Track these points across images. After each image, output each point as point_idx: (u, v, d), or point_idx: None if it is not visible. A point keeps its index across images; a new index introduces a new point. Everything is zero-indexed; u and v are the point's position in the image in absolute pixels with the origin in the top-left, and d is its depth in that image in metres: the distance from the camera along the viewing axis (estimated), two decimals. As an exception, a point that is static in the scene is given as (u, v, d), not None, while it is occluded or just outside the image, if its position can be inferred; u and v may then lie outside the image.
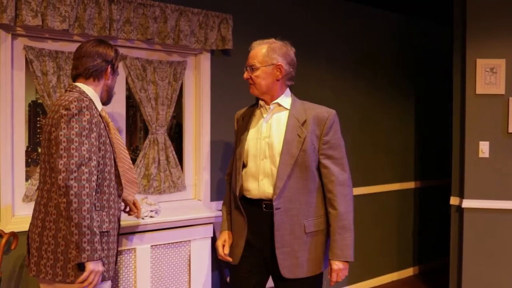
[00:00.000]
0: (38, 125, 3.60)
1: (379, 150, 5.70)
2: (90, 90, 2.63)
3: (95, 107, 2.56)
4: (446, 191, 4.94)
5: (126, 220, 3.60)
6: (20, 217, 3.39)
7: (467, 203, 4.48)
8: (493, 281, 4.46)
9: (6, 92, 3.33)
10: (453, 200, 4.66)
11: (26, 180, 3.50)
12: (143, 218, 3.67)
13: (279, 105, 2.84)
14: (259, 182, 2.78)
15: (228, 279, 3.88)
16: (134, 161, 4.04)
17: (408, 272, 6.12)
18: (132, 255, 3.62)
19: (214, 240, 3.91)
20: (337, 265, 2.73)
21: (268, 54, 2.79)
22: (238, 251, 2.88)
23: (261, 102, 2.90)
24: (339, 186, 2.75)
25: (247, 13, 4.50)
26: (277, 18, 4.73)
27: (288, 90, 2.89)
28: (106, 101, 2.76)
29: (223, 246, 2.96)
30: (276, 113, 2.84)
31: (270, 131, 2.81)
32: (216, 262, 4.13)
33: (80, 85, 2.63)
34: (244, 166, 2.85)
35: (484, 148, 4.47)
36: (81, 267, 2.39)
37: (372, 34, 5.58)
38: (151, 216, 3.67)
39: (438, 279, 5.89)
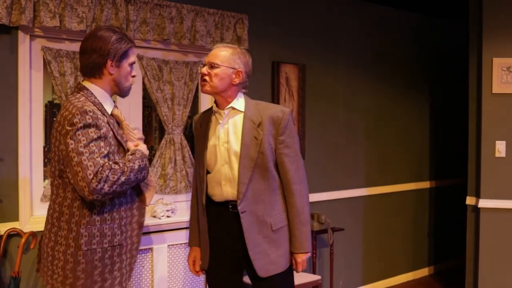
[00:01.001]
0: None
1: (394, 149, 5.67)
2: (97, 90, 2.50)
3: (104, 111, 2.46)
4: (462, 190, 4.91)
5: None
6: (39, 217, 3.41)
7: (483, 203, 4.45)
8: (510, 281, 4.42)
9: (25, 93, 3.35)
10: (469, 200, 4.63)
11: (44, 179, 3.52)
12: (159, 218, 3.69)
13: (233, 108, 2.80)
14: (222, 187, 2.79)
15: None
16: (150, 161, 4.06)
17: (424, 272, 6.08)
18: (149, 254, 3.64)
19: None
20: (300, 257, 2.82)
21: (231, 57, 2.75)
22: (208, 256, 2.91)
23: (215, 108, 2.84)
24: (295, 184, 2.80)
25: (262, 13, 4.50)
26: (292, 17, 4.73)
27: (240, 93, 2.86)
28: (120, 93, 2.61)
29: (194, 262, 2.99)
30: (231, 117, 2.82)
31: (228, 136, 2.79)
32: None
33: (88, 84, 2.51)
34: (208, 172, 2.86)
35: (500, 148, 4.44)
36: None
37: (388, 32, 5.56)
38: (167, 216, 3.69)
39: (453, 279, 5.83)
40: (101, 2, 3.52)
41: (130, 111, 3.89)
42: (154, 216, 3.75)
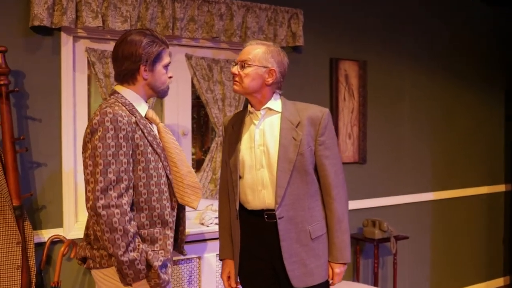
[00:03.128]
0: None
1: (464, 149, 5.31)
2: (130, 93, 2.42)
3: (134, 111, 2.36)
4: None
5: (190, 227, 3.48)
6: (84, 223, 3.31)
7: None
8: None
9: (68, 95, 3.26)
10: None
11: (90, 185, 3.42)
12: (207, 226, 3.53)
13: (270, 109, 2.68)
14: (258, 194, 2.64)
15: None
16: (200, 164, 3.91)
17: (498, 282, 5.69)
18: (197, 263, 3.50)
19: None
20: (339, 267, 2.70)
21: (264, 56, 2.60)
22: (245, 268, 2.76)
23: (250, 109, 2.72)
24: (335, 188, 2.66)
25: (318, 7, 4.27)
26: (350, 10, 4.48)
27: (276, 94, 2.70)
28: (157, 96, 2.53)
29: (228, 278, 2.83)
30: (267, 118, 2.67)
31: (264, 138, 2.65)
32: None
33: (119, 88, 2.44)
34: (240, 177, 2.70)
35: None
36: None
37: (460, 24, 5.21)
38: (216, 223, 3.51)
39: (531, 291, 5.42)
40: (146, 0, 3.38)
41: (179, 113, 3.75)
42: (202, 224, 3.59)
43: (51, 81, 3.23)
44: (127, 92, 2.42)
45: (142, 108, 2.44)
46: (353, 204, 4.33)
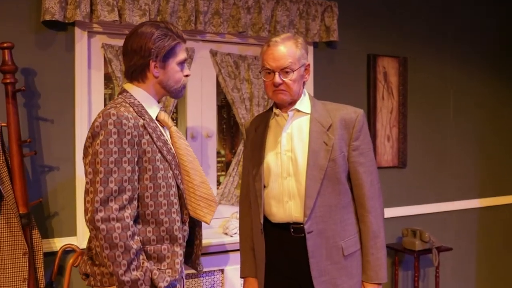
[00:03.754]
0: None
1: (512, 154, 4.99)
2: (140, 92, 2.19)
3: (143, 112, 2.13)
4: None
5: (213, 237, 3.26)
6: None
7: None
8: None
9: (82, 95, 3.07)
10: None
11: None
12: (231, 236, 3.29)
13: (298, 110, 2.44)
14: (284, 205, 2.40)
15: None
16: (226, 168, 3.69)
17: (550, 297, 5.29)
18: (220, 276, 3.31)
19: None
20: None
21: (300, 53, 2.37)
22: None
23: (276, 110, 2.48)
24: (371, 199, 2.43)
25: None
26: (389, 3, 4.21)
27: (304, 90, 2.48)
28: (171, 95, 2.29)
29: None
30: (295, 120, 2.43)
31: (292, 142, 2.41)
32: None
33: (128, 86, 2.22)
34: (264, 187, 2.47)
35: None
36: None
37: None
38: (240, 233, 3.27)
39: None
40: (166, -8, 3.16)
41: (203, 113, 3.53)
42: (226, 233, 3.35)
43: (64, 80, 3.05)
44: (136, 91, 2.20)
45: (153, 109, 2.21)
46: (392, 212, 4.09)
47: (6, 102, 2.72)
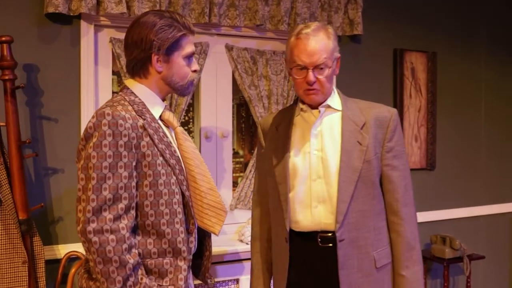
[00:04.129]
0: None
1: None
2: (142, 89, 2.01)
3: (144, 111, 1.95)
4: None
5: (227, 245, 3.09)
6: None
7: None
8: None
9: (89, 93, 2.93)
10: None
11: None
12: (247, 243, 3.11)
13: (329, 106, 2.26)
14: (311, 210, 2.22)
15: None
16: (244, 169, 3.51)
17: None
18: (234, 287, 3.16)
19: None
20: None
21: (332, 45, 2.17)
22: None
23: (303, 106, 2.30)
24: (405, 206, 2.28)
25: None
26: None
27: (333, 86, 2.31)
28: (177, 92, 2.11)
29: None
30: (326, 117, 2.26)
31: (322, 141, 2.23)
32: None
33: (129, 82, 2.04)
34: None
35: None
36: None
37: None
38: (257, 241, 3.10)
39: None
40: (177, -18, 2.98)
41: (218, 111, 3.36)
42: (241, 240, 3.18)
43: (69, 77, 2.92)
44: (138, 88, 2.01)
45: (156, 108, 2.02)
46: (420, 217, 3.79)
47: (5, 100, 2.57)
